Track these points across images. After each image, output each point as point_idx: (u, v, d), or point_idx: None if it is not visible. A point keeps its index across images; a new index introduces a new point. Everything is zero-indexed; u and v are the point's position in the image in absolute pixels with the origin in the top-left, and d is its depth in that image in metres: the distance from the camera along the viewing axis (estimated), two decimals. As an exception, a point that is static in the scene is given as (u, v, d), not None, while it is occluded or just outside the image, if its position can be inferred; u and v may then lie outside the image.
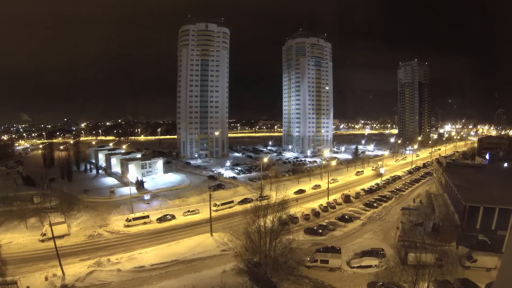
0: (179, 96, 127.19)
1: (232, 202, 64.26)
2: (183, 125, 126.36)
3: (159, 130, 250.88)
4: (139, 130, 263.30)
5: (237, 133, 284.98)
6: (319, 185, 79.16)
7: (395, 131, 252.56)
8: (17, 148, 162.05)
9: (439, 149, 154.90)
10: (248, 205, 55.76)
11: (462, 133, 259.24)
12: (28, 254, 42.09)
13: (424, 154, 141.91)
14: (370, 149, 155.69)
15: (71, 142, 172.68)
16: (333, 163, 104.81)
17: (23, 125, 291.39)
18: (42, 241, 45.27)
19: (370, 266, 38.04)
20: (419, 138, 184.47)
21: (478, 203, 42.03)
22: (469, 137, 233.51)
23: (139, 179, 77.49)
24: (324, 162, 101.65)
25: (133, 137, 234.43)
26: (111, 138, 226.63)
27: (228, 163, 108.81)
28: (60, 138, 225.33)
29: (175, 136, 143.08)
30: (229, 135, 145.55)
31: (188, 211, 59.02)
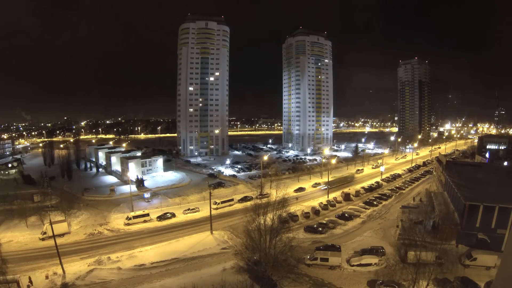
0: (179, 94, 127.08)
1: (232, 200, 64.33)
2: (183, 123, 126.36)
3: (159, 128, 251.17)
4: (139, 128, 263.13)
5: (237, 131, 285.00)
6: (319, 183, 79.20)
7: (395, 129, 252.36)
8: (17, 146, 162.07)
9: (439, 148, 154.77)
10: (248, 203, 56.03)
11: (462, 132, 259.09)
12: (29, 252, 42.18)
13: (424, 153, 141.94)
14: (370, 147, 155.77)
15: (71, 140, 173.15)
16: (333, 161, 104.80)
17: (23, 124, 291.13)
18: (43, 239, 45.34)
19: (370, 264, 38.15)
20: (419, 137, 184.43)
21: (478, 202, 41.99)
22: (469, 136, 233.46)
23: (139, 177, 77.59)
24: (324, 160, 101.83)
25: (133, 135, 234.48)
26: (111, 136, 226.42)
27: (228, 161, 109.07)
28: (60, 137, 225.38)
29: (175, 134, 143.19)
30: (229, 133, 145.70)
31: (188, 209, 59.09)
